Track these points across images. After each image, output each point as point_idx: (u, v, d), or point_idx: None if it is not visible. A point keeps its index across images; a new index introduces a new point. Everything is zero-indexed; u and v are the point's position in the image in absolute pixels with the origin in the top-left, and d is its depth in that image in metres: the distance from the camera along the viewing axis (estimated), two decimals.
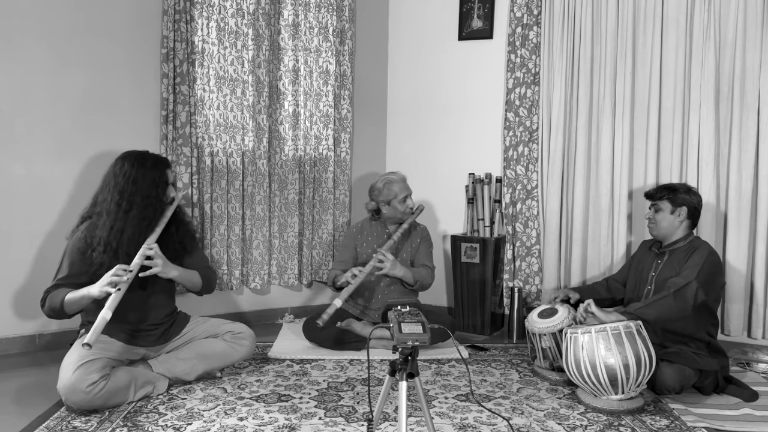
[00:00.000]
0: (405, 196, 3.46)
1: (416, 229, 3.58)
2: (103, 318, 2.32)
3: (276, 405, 2.56)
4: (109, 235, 2.55)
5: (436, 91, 4.12)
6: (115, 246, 2.55)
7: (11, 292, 3.20)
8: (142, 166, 2.64)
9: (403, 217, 3.47)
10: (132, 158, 2.66)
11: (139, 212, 2.59)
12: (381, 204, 3.49)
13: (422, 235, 3.58)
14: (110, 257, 2.54)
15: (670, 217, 2.89)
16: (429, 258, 3.56)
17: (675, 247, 2.90)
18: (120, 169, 2.63)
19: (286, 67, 3.85)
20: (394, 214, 3.48)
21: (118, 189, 2.59)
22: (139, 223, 2.60)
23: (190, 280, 2.77)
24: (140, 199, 2.60)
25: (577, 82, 3.67)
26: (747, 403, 2.67)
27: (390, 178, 3.49)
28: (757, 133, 3.32)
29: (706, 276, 2.72)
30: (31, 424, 2.34)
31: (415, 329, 1.73)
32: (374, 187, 3.52)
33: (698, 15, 3.40)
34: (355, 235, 3.57)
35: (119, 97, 3.41)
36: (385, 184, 3.46)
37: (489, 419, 2.46)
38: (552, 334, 2.87)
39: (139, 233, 2.59)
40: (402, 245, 3.53)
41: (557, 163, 3.73)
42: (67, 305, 2.50)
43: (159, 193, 2.66)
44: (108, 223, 2.56)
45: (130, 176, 2.60)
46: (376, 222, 3.58)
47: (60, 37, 3.24)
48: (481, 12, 3.96)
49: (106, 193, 2.62)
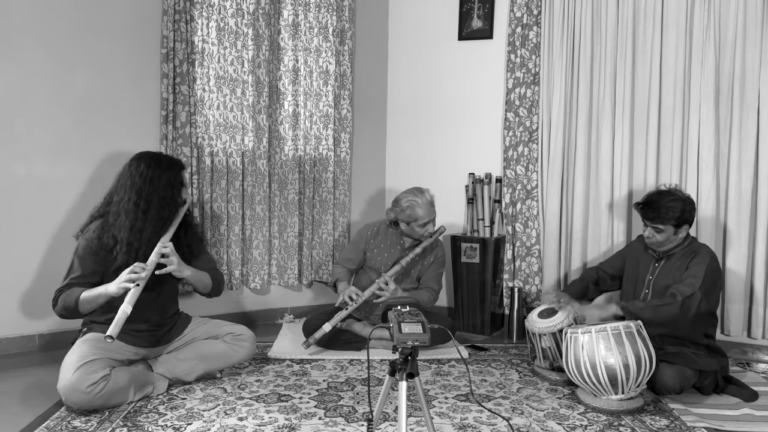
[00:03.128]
0: (426, 222, 3.29)
1: (432, 248, 3.45)
2: (123, 312, 2.35)
3: (276, 405, 2.56)
4: (130, 235, 2.57)
5: (436, 91, 4.12)
6: (136, 246, 2.57)
7: (11, 292, 3.20)
8: (158, 166, 2.66)
9: (421, 239, 3.36)
10: (148, 158, 2.68)
11: (156, 212, 2.62)
12: (401, 221, 3.36)
13: (436, 255, 3.46)
14: (132, 257, 2.55)
15: (674, 236, 2.82)
16: (436, 280, 3.46)
17: (674, 252, 2.88)
18: (136, 170, 2.64)
19: (286, 67, 3.85)
20: (411, 233, 3.37)
21: (136, 189, 2.60)
22: (156, 224, 2.62)
23: (201, 281, 2.78)
24: (157, 199, 2.62)
25: (577, 82, 3.67)
26: (747, 403, 2.67)
27: (416, 201, 3.27)
28: (757, 132, 3.32)
29: (708, 285, 2.71)
30: (31, 423, 2.34)
31: (415, 329, 1.73)
32: (398, 203, 3.33)
33: (698, 15, 3.40)
34: (368, 238, 3.49)
35: (119, 98, 3.41)
36: (410, 206, 3.27)
37: (489, 419, 2.46)
38: (552, 334, 2.87)
39: (156, 233, 2.62)
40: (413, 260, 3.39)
41: (557, 163, 3.73)
42: (81, 304, 2.50)
43: (174, 194, 2.69)
44: (128, 223, 2.58)
45: (147, 176, 2.62)
46: (393, 230, 3.47)
47: (60, 37, 3.24)
48: (481, 12, 3.96)
49: (122, 193, 2.63)
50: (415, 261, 3.41)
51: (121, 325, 2.33)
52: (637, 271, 2.99)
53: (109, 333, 2.28)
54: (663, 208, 2.76)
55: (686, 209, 2.78)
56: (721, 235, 3.41)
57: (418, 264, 3.45)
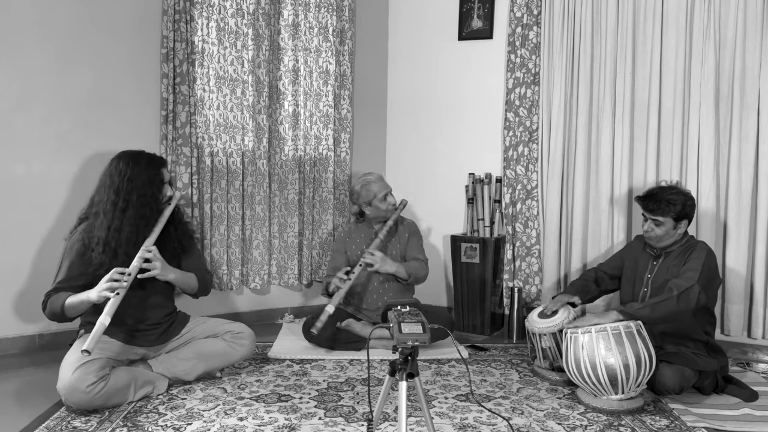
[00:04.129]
0: (385, 194, 3.46)
1: (403, 225, 3.59)
2: (101, 324, 2.32)
3: (276, 405, 2.56)
4: (107, 235, 2.54)
5: (436, 91, 4.12)
6: (114, 245, 2.54)
7: (11, 292, 3.20)
8: (137, 164, 2.64)
9: (387, 215, 3.47)
10: (127, 157, 2.66)
11: (135, 211, 2.59)
12: (363, 206, 3.49)
13: (410, 230, 3.58)
14: (110, 257, 2.53)
15: (673, 231, 2.83)
16: (420, 251, 3.55)
17: (671, 249, 2.88)
18: (115, 169, 2.62)
19: (286, 67, 3.85)
20: (377, 213, 3.48)
21: (114, 188, 2.59)
22: (137, 222, 2.59)
23: (186, 283, 2.77)
24: (136, 197, 2.59)
25: (577, 82, 3.67)
26: (747, 403, 2.67)
27: (367, 179, 3.50)
28: (756, 133, 3.32)
29: (706, 279, 2.71)
30: (31, 424, 2.34)
31: (415, 329, 1.73)
32: (353, 190, 3.53)
33: (698, 15, 3.40)
34: (344, 239, 3.59)
35: (119, 97, 3.41)
36: (363, 186, 3.47)
37: (489, 419, 2.46)
38: (552, 334, 2.87)
39: (136, 232, 2.59)
40: (391, 242, 3.52)
41: (557, 163, 3.73)
42: (67, 310, 2.49)
43: (155, 192, 2.65)
44: (105, 223, 2.56)
45: (125, 175, 2.60)
46: (362, 224, 3.59)
47: (60, 37, 3.24)
48: (481, 12, 3.96)
49: (102, 193, 2.62)
50: (392, 237, 3.52)
51: (98, 339, 2.30)
52: (636, 270, 2.99)
53: (86, 347, 2.26)
54: (664, 201, 2.79)
55: (687, 203, 2.81)
56: (721, 235, 3.41)
57: (397, 244, 3.53)
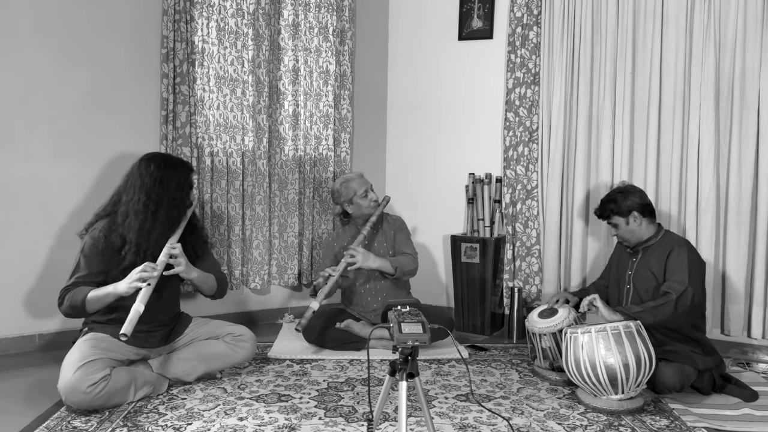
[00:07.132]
0: (365, 190, 3.45)
1: (389, 221, 3.57)
2: (136, 311, 2.36)
3: (276, 405, 2.56)
4: (139, 236, 2.57)
5: (436, 91, 4.12)
6: (145, 247, 2.58)
7: (12, 292, 3.20)
8: (168, 168, 2.67)
9: (370, 212, 3.45)
10: (158, 160, 2.69)
11: (165, 214, 2.62)
12: (344, 204, 3.48)
13: (396, 226, 3.56)
14: (141, 258, 2.56)
15: (628, 226, 2.90)
16: (408, 245, 3.53)
17: (648, 245, 2.93)
18: (146, 170, 2.64)
19: (286, 67, 3.85)
20: (360, 211, 3.46)
21: (146, 190, 2.61)
22: (164, 225, 2.63)
23: (206, 283, 2.79)
24: (167, 200, 2.62)
25: (577, 82, 3.67)
26: (747, 403, 2.67)
27: (346, 177, 3.50)
28: (756, 133, 3.31)
29: (694, 277, 2.74)
30: (31, 423, 2.34)
31: (415, 329, 1.73)
32: (334, 190, 3.51)
33: (698, 15, 3.39)
34: (331, 244, 3.57)
35: (119, 98, 3.41)
36: (342, 184, 3.46)
37: (489, 419, 2.46)
38: (552, 334, 2.87)
39: (164, 234, 2.63)
40: (377, 239, 3.50)
41: (557, 163, 3.73)
42: (89, 303, 2.50)
43: (184, 196, 2.69)
44: (137, 224, 2.58)
45: (157, 178, 2.62)
46: (348, 225, 3.58)
47: (60, 37, 3.24)
48: (481, 12, 3.96)
49: (132, 193, 2.63)
50: (377, 234, 3.50)
51: (135, 324, 2.34)
52: (618, 270, 3.06)
53: (123, 331, 2.30)
54: (603, 205, 2.97)
55: (620, 198, 2.91)
56: (722, 235, 3.41)
57: (384, 242, 3.51)
